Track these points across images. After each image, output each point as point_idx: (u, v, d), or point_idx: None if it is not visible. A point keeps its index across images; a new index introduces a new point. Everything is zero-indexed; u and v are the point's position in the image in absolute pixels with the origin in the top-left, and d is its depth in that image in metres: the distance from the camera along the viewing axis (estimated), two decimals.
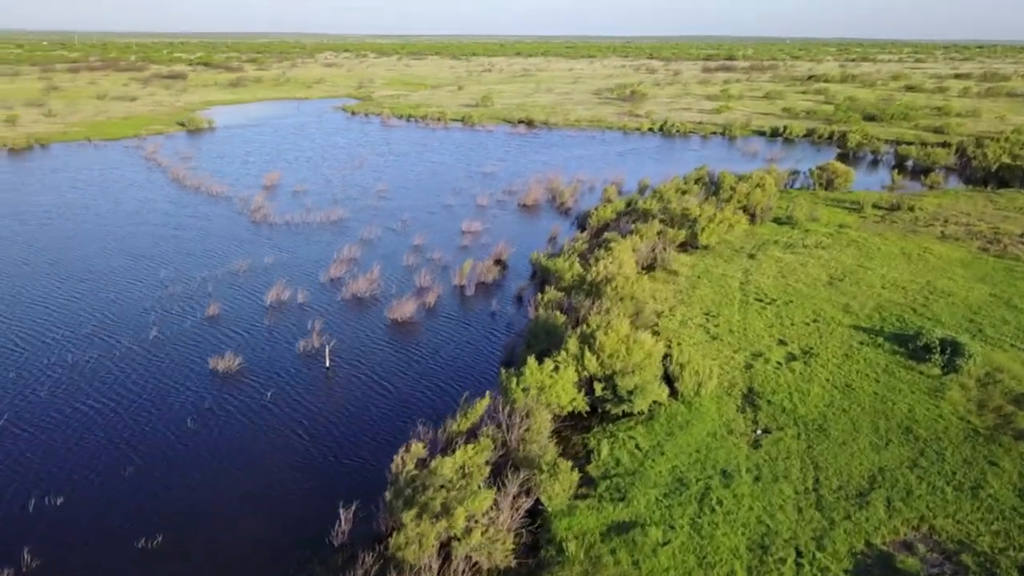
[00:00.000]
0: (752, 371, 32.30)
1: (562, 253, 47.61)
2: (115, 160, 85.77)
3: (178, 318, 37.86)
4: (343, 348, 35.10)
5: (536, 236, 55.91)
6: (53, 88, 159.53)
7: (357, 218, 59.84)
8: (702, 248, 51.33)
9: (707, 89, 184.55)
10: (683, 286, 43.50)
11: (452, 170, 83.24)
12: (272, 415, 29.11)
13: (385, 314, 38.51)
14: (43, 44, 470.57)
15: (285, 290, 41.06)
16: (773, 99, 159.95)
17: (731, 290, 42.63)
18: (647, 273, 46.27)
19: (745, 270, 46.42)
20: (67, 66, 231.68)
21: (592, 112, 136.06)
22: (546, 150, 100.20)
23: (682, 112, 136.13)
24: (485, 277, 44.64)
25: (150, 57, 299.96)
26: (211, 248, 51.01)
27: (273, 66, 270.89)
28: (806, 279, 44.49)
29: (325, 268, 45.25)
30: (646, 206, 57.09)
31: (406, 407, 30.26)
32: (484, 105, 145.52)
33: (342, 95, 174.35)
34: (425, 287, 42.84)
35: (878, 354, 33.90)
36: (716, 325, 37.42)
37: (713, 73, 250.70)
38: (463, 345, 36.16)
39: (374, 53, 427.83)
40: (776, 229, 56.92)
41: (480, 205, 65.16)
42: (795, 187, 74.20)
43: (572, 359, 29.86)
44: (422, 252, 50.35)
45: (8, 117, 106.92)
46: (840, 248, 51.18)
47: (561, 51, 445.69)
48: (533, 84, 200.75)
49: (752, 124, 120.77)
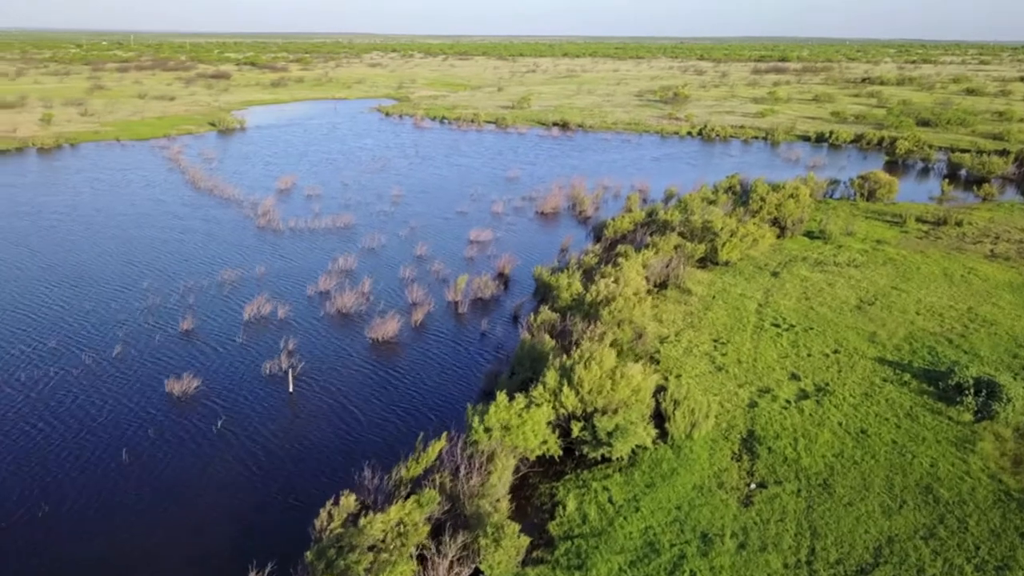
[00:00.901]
0: (756, 410, 28.88)
1: (567, 267, 44.57)
2: (139, 160, 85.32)
3: (148, 333, 35.91)
4: (313, 370, 32.68)
5: (548, 247, 52.94)
6: (98, 87, 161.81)
7: (365, 224, 57.62)
8: (723, 264, 47.74)
9: (754, 91, 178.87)
10: (695, 307, 40.09)
11: (475, 174, 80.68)
12: (218, 448, 26.76)
13: (365, 333, 35.99)
14: (102, 44, 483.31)
15: (266, 304, 38.87)
16: (822, 102, 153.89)
17: (747, 313, 39.07)
18: (659, 291, 42.98)
19: (766, 290, 42.76)
20: (117, 65, 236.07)
21: (630, 115, 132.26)
22: (578, 154, 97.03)
23: (724, 115, 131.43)
24: (482, 292, 41.85)
25: (199, 57, 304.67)
26: (208, 255, 49.26)
27: (318, 66, 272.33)
28: (832, 302, 40.66)
29: (315, 280, 43.00)
30: (667, 217, 53.64)
31: (370, 441, 27.65)
32: (521, 107, 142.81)
33: (381, 95, 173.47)
34: (416, 302, 40.24)
35: (902, 394, 30.13)
36: (724, 354, 34.00)
37: (763, 75, 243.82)
38: (445, 370, 33.43)
39: (420, 53, 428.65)
40: (807, 244, 52.92)
41: (495, 212, 62.41)
42: (834, 197, 69.77)
43: (549, 394, 26.90)
44: (422, 263, 47.81)
45: (45, 116, 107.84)
46: (874, 267, 47.07)
47: (609, 52, 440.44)
48: (575, 86, 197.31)
49: (796, 128, 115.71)
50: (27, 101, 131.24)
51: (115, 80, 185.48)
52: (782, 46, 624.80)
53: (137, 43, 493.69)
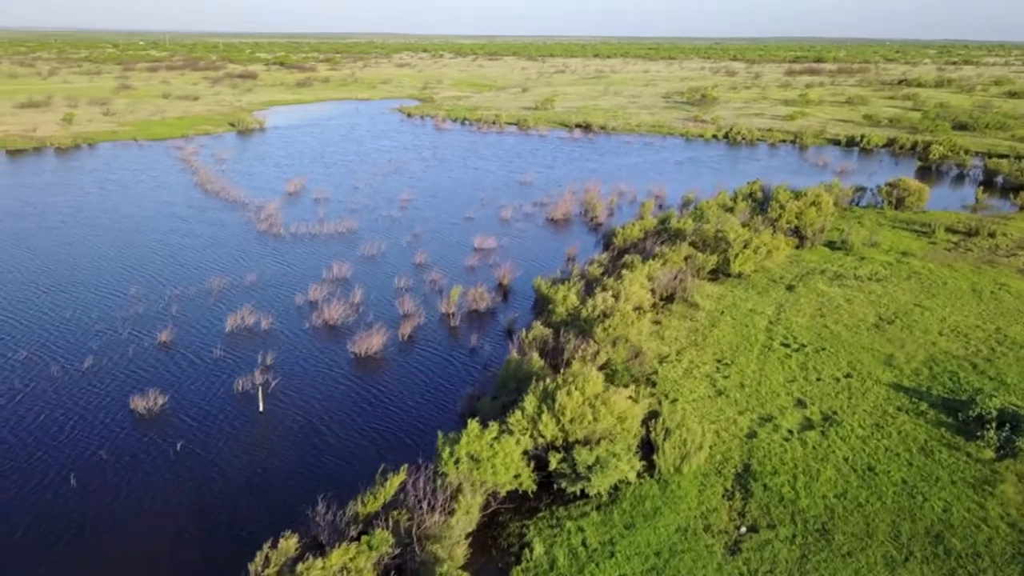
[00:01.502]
0: (755, 442, 26.64)
1: (569, 278, 42.54)
2: (152, 161, 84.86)
3: (123, 344, 34.59)
4: (288, 387, 31.07)
5: (555, 255, 50.95)
6: (125, 87, 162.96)
7: (368, 230, 56.08)
8: (735, 276, 45.35)
9: (785, 93, 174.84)
10: (701, 323, 37.83)
11: (490, 177, 78.91)
12: (174, 473, 25.23)
13: (348, 347, 34.31)
14: (139, 44, 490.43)
15: (251, 314, 37.40)
16: (855, 105, 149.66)
17: (755, 331, 36.72)
18: (665, 305, 40.78)
19: (779, 305, 40.33)
20: (148, 65, 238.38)
21: (655, 117, 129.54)
22: (598, 157, 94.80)
23: (752, 118, 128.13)
24: (477, 304, 39.99)
25: (230, 57, 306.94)
26: (204, 260, 48.04)
27: (346, 66, 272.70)
28: (848, 320, 38.13)
29: (306, 289, 41.46)
30: (679, 225, 51.34)
31: (338, 467, 25.95)
32: (544, 108, 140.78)
33: (405, 96, 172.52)
34: (407, 314, 38.50)
35: (917, 425, 27.68)
36: (726, 376, 31.75)
37: (796, 76, 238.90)
38: (428, 389, 31.62)
39: (450, 53, 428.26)
40: (827, 255, 50.27)
41: (504, 218, 60.52)
42: (861, 205, 66.79)
43: (528, 422, 24.96)
44: (420, 272, 46.09)
45: (66, 115, 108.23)
46: (898, 281, 44.36)
47: (641, 53, 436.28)
48: (602, 87, 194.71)
49: (826, 132, 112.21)
50: (53, 100, 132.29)
51: (143, 80, 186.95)
52: (818, 47, 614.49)
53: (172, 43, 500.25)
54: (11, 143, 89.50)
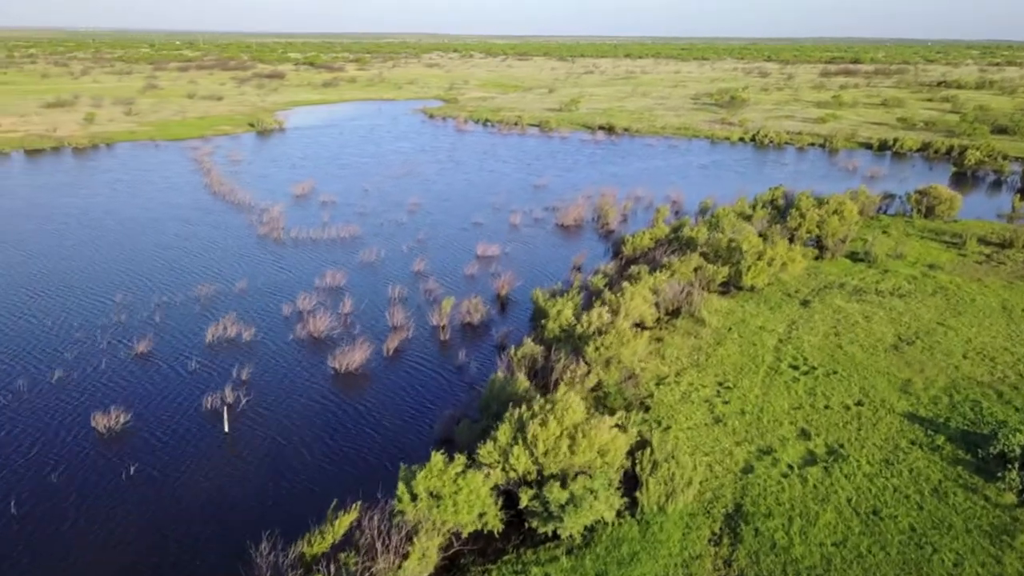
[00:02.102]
0: (750, 477, 24.46)
1: (569, 290, 40.55)
2: (166, 161, 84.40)
3: (97, 355, 33.33)
4: (261, 405, 29.53)
5: (560, 264, 48.97)
6: (152, 87, 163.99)
7: (371, 235, 54.58)
8: (747, 290, 42.99)
9: (818, 95, 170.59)
10: (705, 341, 35.60)
11: (505, 181, 77.12)
12: (122, 500, 23.74)
13: (329, 362, 32.69)
14: (175, 44, 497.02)
15: (234, 325, 35.97)
16: (891, 107, 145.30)
17: (763, 350, 34.41)
18: (670, 320, 38.61)
19: (791, 322, 37.93)
20: (179, 65, 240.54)
21: (682, 119, 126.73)
22: (620, 160, 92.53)
23: (782, 120, 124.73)
24: (471, 317, 38.17)
25: (261, 57, 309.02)
26: (199, 265, 46.85)
27: (375, 66, 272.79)
28: (865, 340, 35.63)
29: (294, 298, 39.97)
30: (691, 234, 49.03)
31: (302, 496, 24.31)
32: (569, 109, 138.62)
33: (431, 96, 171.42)
34: (397, 326, 36.83)
35: (931, 462, 25.27)
36: (726, 401, 29.55)
37: (831, 77, 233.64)
38: (407, 409, 29.88)
39: (481, 53, 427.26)
40: (848, 267, 47.62)
41: (513, 224, 58.66)
42: (888, 213, 63.80)
43: (499, 453, 23.07)
44: (418, 281, 44.40)
45: (87, 115, 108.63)
46: (922, 297, 41.66)
47: (673, 53, 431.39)
48: (630, 87, 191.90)
49: (858, 135, 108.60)
50: (79, 100, 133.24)
51: (171, 80, 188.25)
52: (856, 47, 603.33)
53: (207, 43, 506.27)
54: (29, 143, 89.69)
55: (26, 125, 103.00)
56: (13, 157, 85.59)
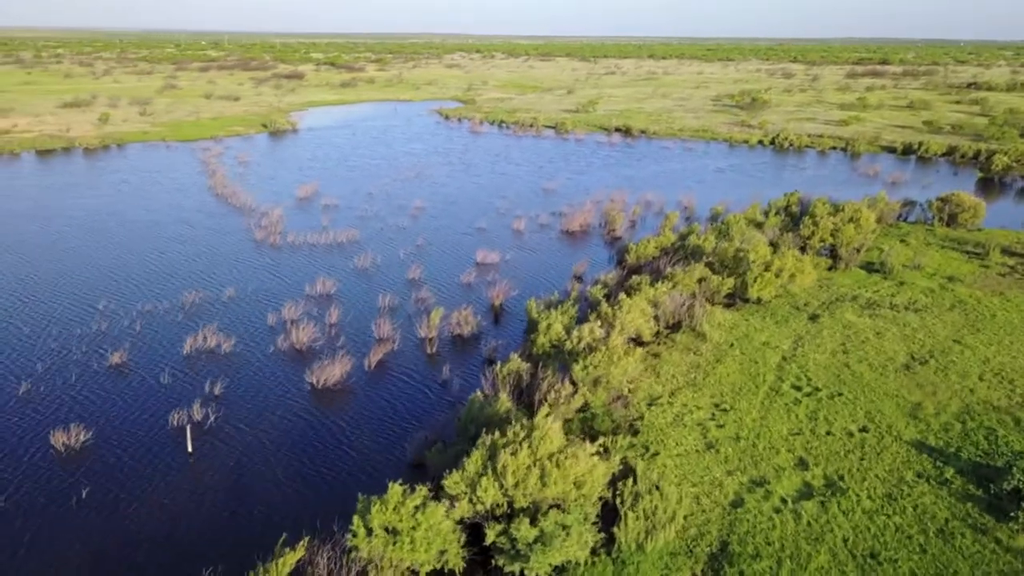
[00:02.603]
0: (739, 512, 22.73)
1: (566, 301, 38.93)
2: (175, 163, 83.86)
3: (69, 367, 32.26)
4: (230, 423, 28.26)
5: (561, 273, 47.36)
6: (170, 87, 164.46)
7: (370, 240, 53.32)
8: (754, 302, 41.10)
9: (843, 97, 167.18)
10: (704, 358, 33.83)
11: (515, 184, 75.62)
12: (68, 528, 22.51)
13: (306, 377, 31.36)
14: (201, 44, 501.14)
15: (214, 335, 34.79)
16: (917, 110, 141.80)
17: (765, 369, 32.58)
18: (670, 334, 36.87)
19: (797, 338, 36.03)
20: (201, 65, 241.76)
21: (700, 121, 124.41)
22: (635, 163, 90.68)
23: (803, 123, 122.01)
24: (461, 328, 36.68)
25: (283, 57, 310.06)
26: (190, 271, 45.81)
27: (396, 66, 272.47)
28: (875, 358, 33.65)
29: (281, 307, 38.72)
30: (698, 243, 47.18)
31: (261, 525, 22.96)
32: (586, 111, 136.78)
33: (449, 97, 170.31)
34: (382, 338, 35.45)
35: (939, 498, 23.38)
36: (721, 425, 27.81)
37: (857, 79, 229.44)
38: (385, 428, 28.46)
39: (503, 54, 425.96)
40: (862, 279, 45.52)
41: (516, 230, 57.11)
42: (909, 220, 61.41)
43: (466, 485, 21.56)
44: (411, 289, 43.00)
45: (102, 116, 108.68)
46: (938, 312, 39.53)
47: (698, 54, 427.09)
48: (651, 89, 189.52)
49: (881, 139, 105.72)
50: (97, 100, 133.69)
51: (191, 80, 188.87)
52: (886, 48, 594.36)
53: (231, 43, 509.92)
54: (40, 143, 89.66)
55: (40, 125, 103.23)
56: (24, 158, 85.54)
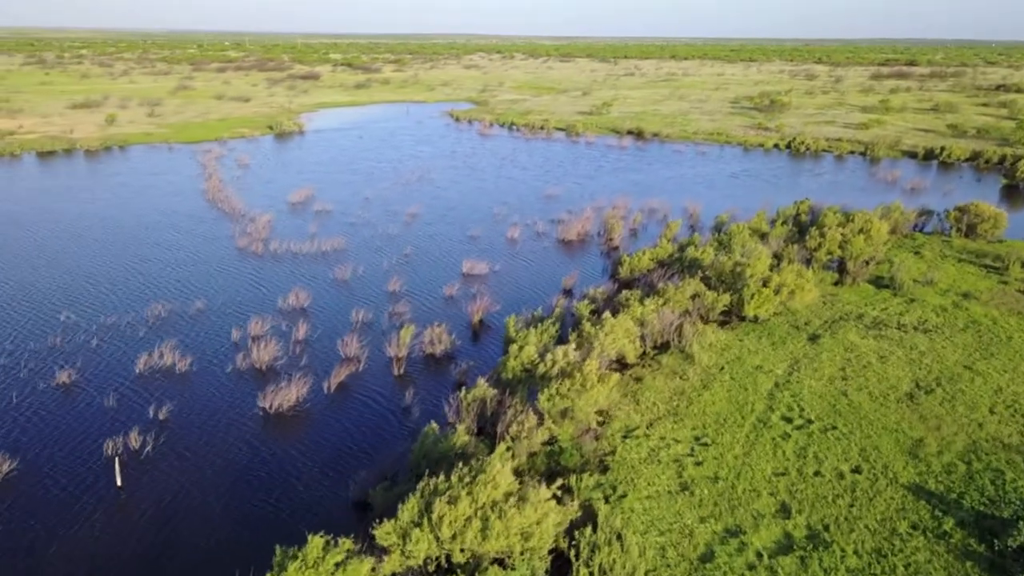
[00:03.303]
0: (709, 568, 20.38)
1: (548, 318, 36.69)
2: (174, 165, 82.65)
3: (12, 387, 30.52)
4: (172, 451, 26.37)
5: (550, 285, 45.09)
6: (184, 87, 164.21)
7: (357, 248, 51.42)
8: (750, 321, 38.59)
9: (865, 99, 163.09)
10: (691, 384, 31.45)
11: (518, 188, 73.51)
12: None
13: (258, 401, 29.39)
14: (224, 44, 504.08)
15: (172, 352, 32.98)
16: (941, 112, 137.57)
17: (755, 397, 30.14)
18: (658, 355, 34.51)
19: (793, 362, 33.52)
20: (219, 65, 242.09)
21: (716, 124, 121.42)
22: (645, 167, 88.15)
23: (822, 126, 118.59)
24: (434, 347, 34.57)
25: (302, 58, 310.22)
26: (164, 281, 44.12)
27: (414, 67, 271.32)
28: (876, 386, 31.07)
29: (248, 322, 36.83)
30: (696, 255, 44.71)
31: (189, 571, 21.01)
32: (599, 113, 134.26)
33: (463, 99, 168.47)
34: (349, 357, 33.46)
35: (935, 555, 20.87)
36: (699, 462, 25.44)
37: (882, 80, 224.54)
38: (336, 460, 26.41)
39: (523, 54, 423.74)
40: (870, 295, 42.80)
41: (511, 238, 54.93)
42: (925, 231, 58.38)
43: (398, 536, 19.43)
44: (388, 303, 40.94)
45: (108, 117, 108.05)
46: (950, 333, 36.79)
47: (720, 55, 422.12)
48: (668, 90, 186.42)
49: (902, 143, 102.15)
50: (107, 101, 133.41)
51: (206, 80, 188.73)
52: (914, 49, 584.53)
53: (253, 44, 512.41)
54: (40, 145, 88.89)
55: (46, 126, 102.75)
56: (24, 159, 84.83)
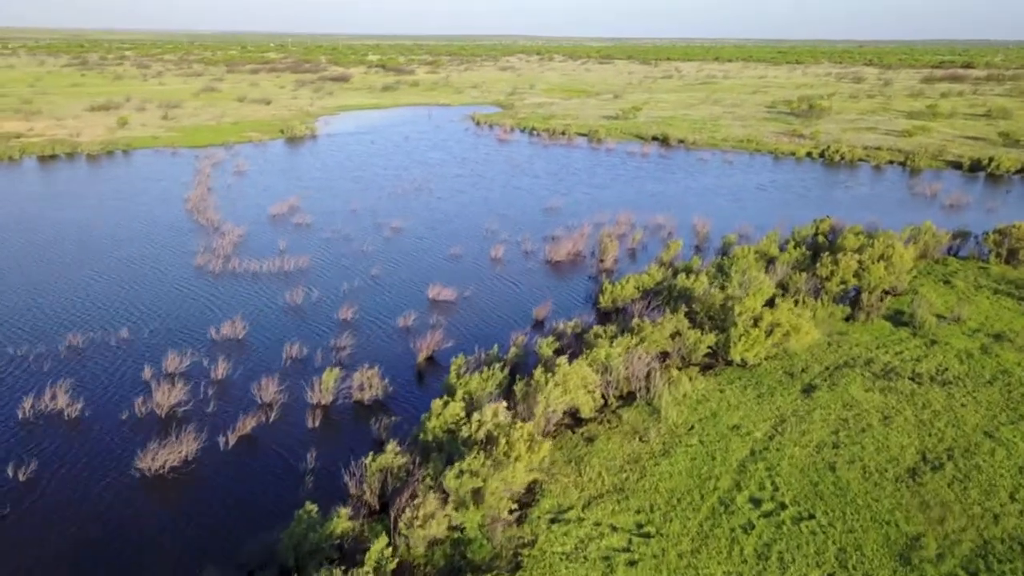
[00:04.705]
0: None
1: (504, 359, 32.19)
2: (173, 171, 79.95)
3: None
4: (10, 529, 22.56)
5: (524, 315, 40.55)
6: (210, 89, 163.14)
7: (321, 268, 47.51)
8: (738, 365, 33.55)
9: (913, 104, 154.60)
10: (651, 447, 26.66)
11: (522, 199, 69.14)
12: None
13: (135, 462, 25.43)
14: (269, 46, 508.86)
15: (66, 394, 29.28)
16: (995, 119, 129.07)
17: (723, 468, 25.23)
18: (621, 407, 29.78)
19: (779, 421, 28.47)
20: (252, 67, 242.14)
21: (747, 130, 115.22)
22: (665, 176, 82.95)
23: (862, 133, 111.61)
24: (363, 393, 30.30)
25: (338, 59, 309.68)
26: (103, 303, 40.62)
27: (448, 68, 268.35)
28: (874, 457, 25.91)
29: (166, 357, 32.96)
30: (687, 284, 39.69)
31: None
32: (626, 117, 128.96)
33: (490, 102, 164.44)
34: (263, 403, 29.43)
35: None
36: (634, 561, 20.71)
37: (933, 84, 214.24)
38: (206, 544, 22.30)
39: (562, 56, 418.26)
40: (884, 334, 37.34)
41: (495, 258, 50.49)
42: (960, 255, 52.31)
43: None
44: (332, 334, 36.75)
45: (119, 120, 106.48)
46: (973, 387, 31.29)
47: (766, 56, 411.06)
48: (704, 94, 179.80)
49: (947, 152, 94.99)
50: (128, 103, 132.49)
51: (236, 81, 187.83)
52: (972, 51, 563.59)
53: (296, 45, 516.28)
54: (41, 149, 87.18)
55: (57, 129, 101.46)
56: (24, 164, 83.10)
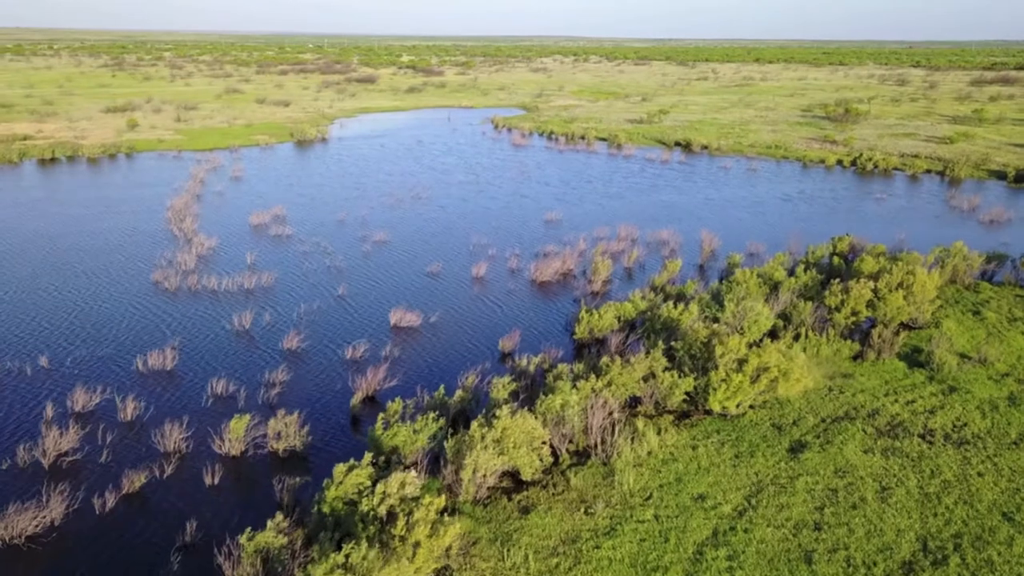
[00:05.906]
0: None
1: (430, 410, 28.31)
2: (170, 176, 77.60)
3: None
4: None
5: (491, 346, 36.60)
6: (233, 90, 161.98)
7: (285, 287, 44.12)
8: (717, 416, 29.19)
9: (958, 108, 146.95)
10: (594, 524, 22.52)
11: (525, 209, 65.33)
12: None
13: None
14: (308, 47, 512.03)
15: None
16: None
17: (674, 556, 20.99)
18: (575, 464, 25.72)
19: (754, 490, 24.11)
20: (282, 68, 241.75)
21: (777, 135, 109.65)
22: (683, 185, 78.35)
23: (900, 139, 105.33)
24: (278, 443, 26.64)
25: (369, 60, 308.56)
26: (39, 325, 37.69)
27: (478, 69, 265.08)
28: (862, 546, 21.44)
29: (77, 390, 29.65)
30: (671, 315, 35.32)
31: None
32: (651, 121, 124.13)
33: (515, 104, 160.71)
34: (166, 452, 25.95)
35: None
36: None
37: (982, 87, 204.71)
38: None
39: (598, 57, 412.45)
40: (896, 377, 32.59)
41: (476, 277, 46.66)
42: (995, 281, 47.01)
43: None
44: (271, 366, 33.22)
45: (129, 121, 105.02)
46: (994, 450, 26.54)
47: (808, 57, 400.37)
48: (738, 96, 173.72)
49: (990, 161, 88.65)
50: (147, 104, 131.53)
51: (260, 83, 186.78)
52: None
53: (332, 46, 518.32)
54: (42, 152, 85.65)
55: (65, 131, 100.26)
56: (23, 167, 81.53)
